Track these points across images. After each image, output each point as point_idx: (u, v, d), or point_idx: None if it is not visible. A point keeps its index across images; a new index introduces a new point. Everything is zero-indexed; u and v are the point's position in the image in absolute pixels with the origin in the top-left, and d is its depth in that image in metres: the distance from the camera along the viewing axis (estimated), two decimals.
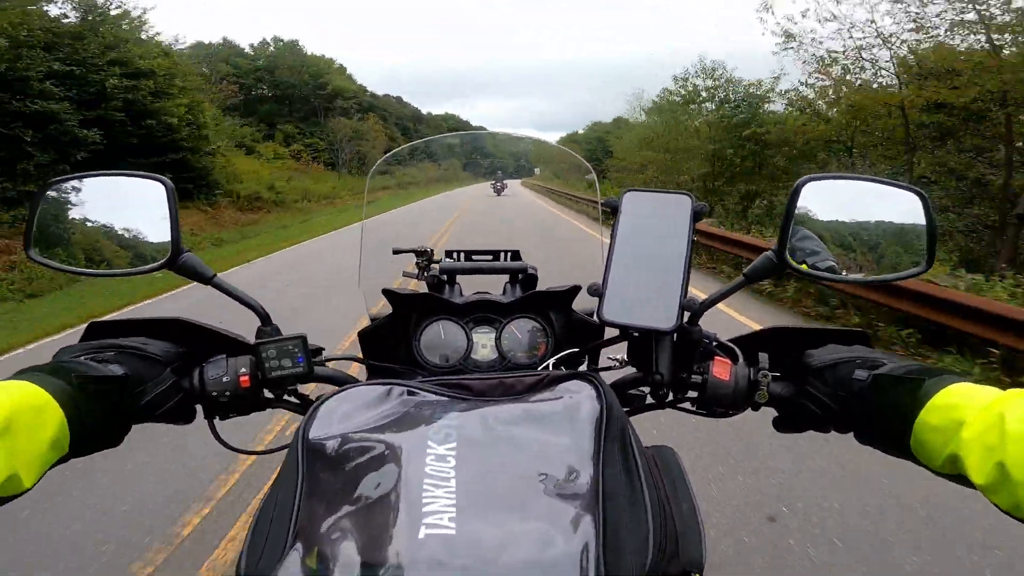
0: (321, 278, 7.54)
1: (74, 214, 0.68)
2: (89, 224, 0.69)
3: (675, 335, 0.68)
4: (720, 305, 0.71)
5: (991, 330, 3.70)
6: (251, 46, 43.12)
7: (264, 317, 0.73)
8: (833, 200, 0.68)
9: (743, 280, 0.68)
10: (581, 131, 53.33)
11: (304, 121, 40.61)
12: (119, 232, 0.69)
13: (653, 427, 2.74)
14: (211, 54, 38.90)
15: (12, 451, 0.43)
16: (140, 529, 2.21)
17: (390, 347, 0.93)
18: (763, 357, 0.68)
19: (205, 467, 2.65)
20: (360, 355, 0.93)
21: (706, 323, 0.70)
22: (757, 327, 0.74)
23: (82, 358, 0.57)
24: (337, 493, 0.43)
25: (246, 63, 40.54)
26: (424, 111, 73.09)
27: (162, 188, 0.66)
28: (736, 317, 4.97)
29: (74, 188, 0.68)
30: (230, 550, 2.08)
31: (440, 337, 0.93)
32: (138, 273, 0.69)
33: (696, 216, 0.69)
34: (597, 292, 0.68)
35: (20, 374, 0.50)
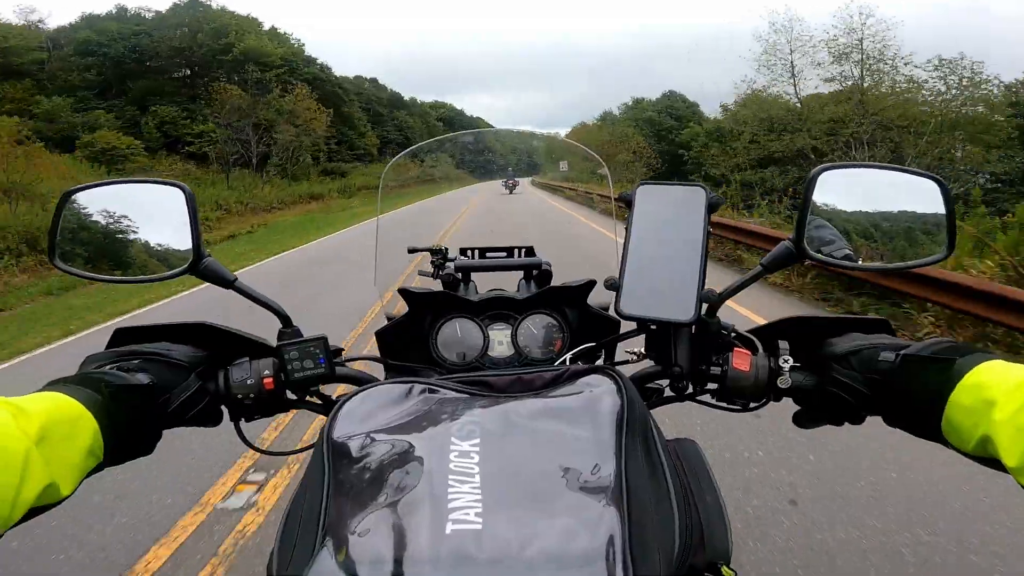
0: None
1: (95, 222, 0.69)
2: (110, 231, 0.70)
3: (693, 327, 0.68)
4: (733, 302, 0.71)
5: None
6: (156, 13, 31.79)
7: (285, 319, 0.74)
8: (849, 189, 0.68)
9: (761, 270, 0.68)
10: (591, 121, 52.05)
11: (195, 101, 28.45)
12: (140, 238, 0.70)
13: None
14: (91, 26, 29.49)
15: (50, 460, 0.44)
16: None
17: (407, 346, 0.94)
18: (783, 345, 0.67)
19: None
20: (378, 355, 0.94)
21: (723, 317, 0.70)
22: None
23: (109, 367, 0.58)
24: (363, 491, 0.44)
25: (121, 28, 29.32)
26: (408, 97, 63.28)
27: (181, 194, 0.67)
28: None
29: (95, 196, 0.69)
30: None
31: (456, 335, 0.94)
32: (161, 279, 0.70)
33: (711, 208, 0.69)
34: (614, 286, 0.68)
35: (51, 385, 0.51)
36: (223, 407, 0.70)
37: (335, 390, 0.84)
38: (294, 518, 0.46)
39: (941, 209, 0.65)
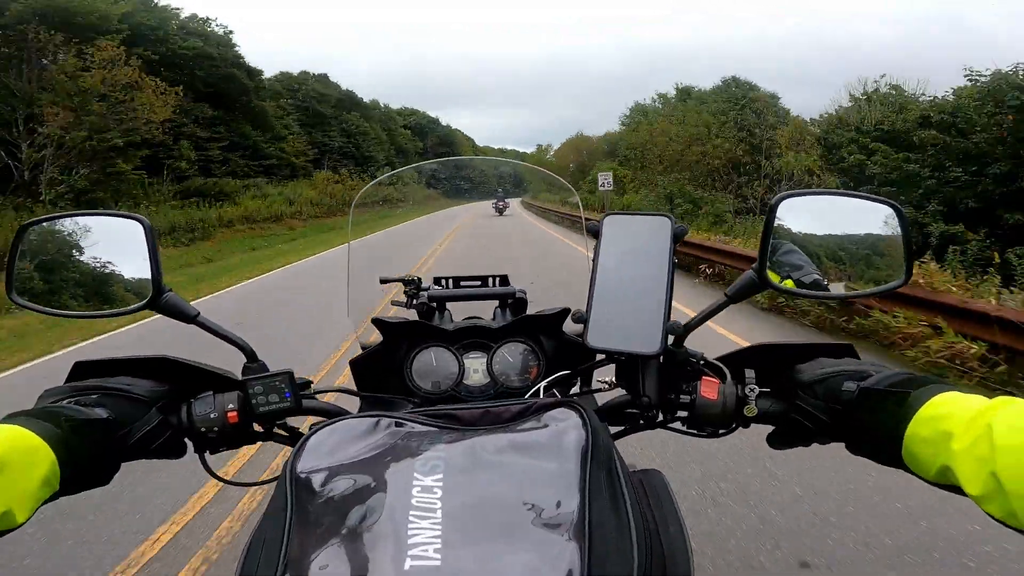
0: None
1: (53, 255, 0.68)
2: (69, 265, 0.69)
3: (661, 357, 0.68)
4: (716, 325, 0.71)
5: None
6: None
7: (250, 354, 0.74)
8: (811, 216, 0.69)
9: (726, 300, 0.69)
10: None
11: None
12: (99, 272, 0.69)
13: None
14: None
15: (5, 489, 0.45)
16: None
17: (382, 375, 0.93)
18: (750, 374, 0.68)
19: None
20: (351, 384, 0.94)
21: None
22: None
23: (68, 402, 0.58)
24: (325, 526, 0.44)
25: None
26: (369, 99, 54.06)
27: (140, 227, 0.66)
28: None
29: (53, 229, 0.68)
30: None
31: (432, 364, 0.93)
32: (120, 314, 0.69)
33: (676, 237, 0.69)
34: (582, 319, 0.68)
35: (9, 418, 0.52)
36: (187, 440, 0.70)
37: (305, 421, 0.83)
38: (255, 550, 0.45)
39: (898, 234, 0.66)
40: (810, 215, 0.69)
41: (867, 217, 0.68)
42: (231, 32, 30.20)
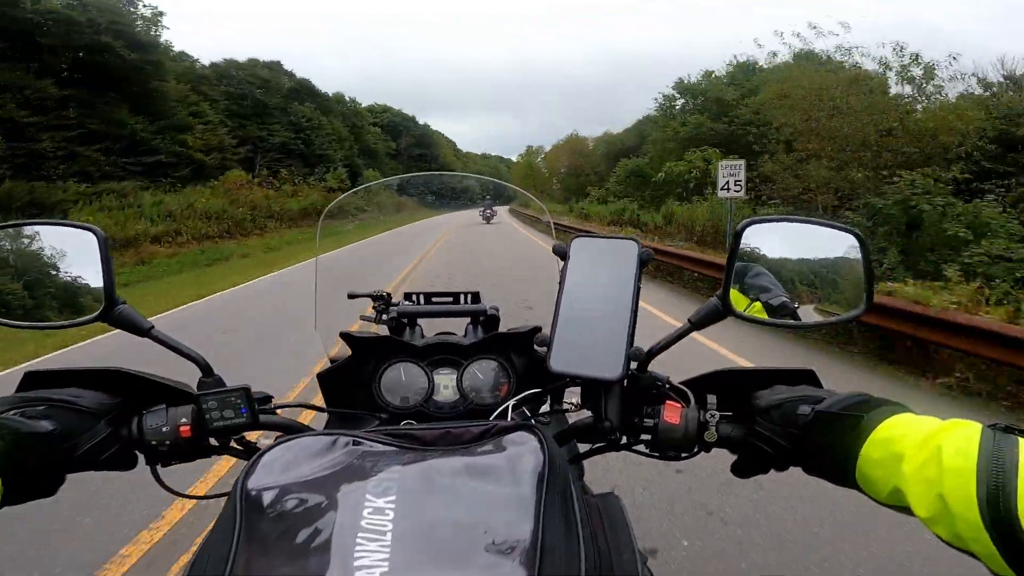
0: None
1: (3, 265, 0.66)
2: (19, 274, 0.67)
3: (625, 381, 0.68)
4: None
5: None
6: None
7: (206, 369, 0.73)
8: (776, 242, 0.70)
9: (689, 327, 0.69)
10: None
11: None
12: (50, 282, 0.68)
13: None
14: None
15: None
16: None
17: (350, 390, 0.92)
18: (711, 399, 0.68)
19: None
20: (316, 398, 0.92)
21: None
22: None
23: (12, 413, 0.57)
24: (273, 545, 0.43)
25: None
26: (332, 92, 43.48)
27: (94, 238, 0.65)
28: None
29: (2, 237, 0.66)
30: None
31: (401, 379, 0.93)
32: (71, 326, 0.68)
33: (642, 263, 0.70)
34: (545, 342, 0.68)
35: None
36: (138, 452, 0.69)
37: (269, 436, 0.82)
38: (199, 565, 0.44)
39: (860, 263, 0.67)
40: (777, 241, 0.69)
41: (831, 245, 0.69)
42: (160, 13, 24.00)
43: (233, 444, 0.75)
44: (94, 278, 0.65)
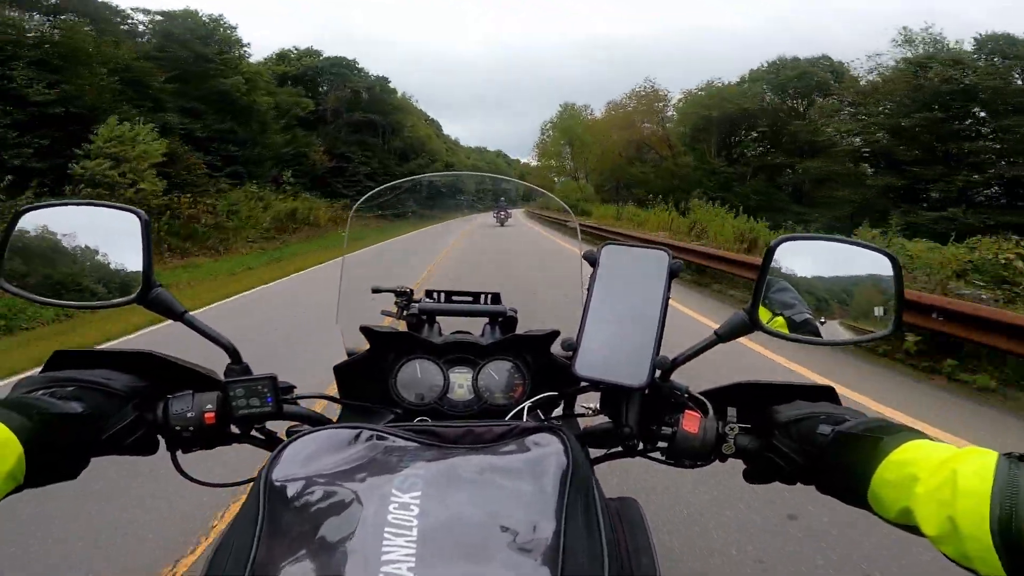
0: None
1: (47, 243, 0.68)
2: (62, 254, 0.68)
3: (646, 390, 0.69)
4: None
5: None
6: None
7: (235, 355, 0.73)
8: (808, 260, 0.70)
9: (715, 339, 0.70)
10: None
11: None
12: (91, 263, 0.69)
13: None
14: None
15: None
16: None
17: (366, 384, 0.93)
18: (731, 411, 0.69)
19: None
20: (333, 391, 0.93)
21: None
22: None
23: (42, 393, 0.58)
24: (296, 536, 0.43)
25: None
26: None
27: (137, 221, 0.66)
28: None
29: (48, 216, 0.68)
30: None
31: (417, 376, 0.93)
32: (108, 306, 0.69)
33: (672, 273, 0.70)
34: (571, 347, 0.69)
35: None
36: (160, 437, 0.69)
37: (285, 425, 0.83)
38: (222, 555, 0.45)
39: (890, 281, 0.66)
40: (807, 259, 0.69)
41: (862, 264, 0.69)
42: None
43: (254, 433, 0.76)
44: (133, 260, 0.66)
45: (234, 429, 0.73)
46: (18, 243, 0.66)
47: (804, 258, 0.69)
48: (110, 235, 0.68)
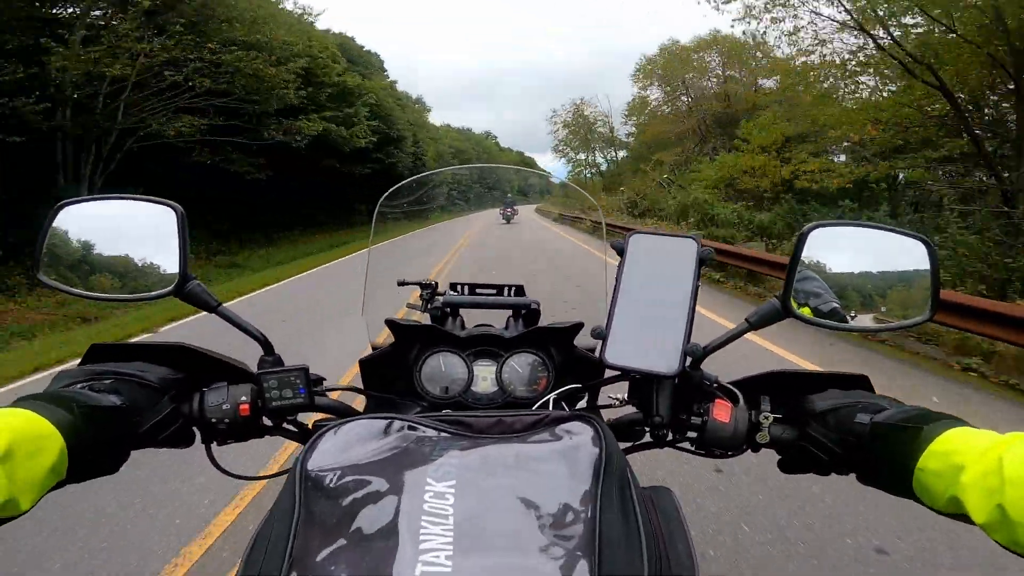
0: None
1: (85, 237, 0.69)
2: (99, 247, 0.69)
3: (676, 378, 0.69)
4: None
5: None
6: None
7: (267, 347, 0.74)
8: (840, 246, 0.69)
9: (747, 326, 0.69)
10: None
11: None
12: (128, 256, 0.70)
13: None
14: None
15: (11, 477, 0.44)
16: None
17: (390, 376, 0.94)
18: (764, 400, 0.68)
19: None
20: (359, 383, 0.94)
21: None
22: None
23: (81, 387, 0.58)
24: (334, 525, 0.44)
25: None
26: None
27: (173, 215, 0.67)
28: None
29: (86, 210, 0.69)
30: None
31: (441, 369, 0.94)
32: (144, 300, 0.69)
33: (701, 261, 0.70)
34: (601, 335, 0.69)
35: (21, 401, 0.51)
36: (195, 429, 0.70)
37: (311, 418, 0.83)
38: (260, 545, 0.45)
39: (926, 269, 0.66)
40: (839, 245, 0.68)
41: (897, 250, 0.68)
42: None
43: (287, 425, 0.76)
44: (168, 254, 0.67)
45: (267, 421, 0.74)
46: (57, 237, 0.67)
47: (837, 244, 0.68)
48: (147, 229, 0.69)
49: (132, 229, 0.70)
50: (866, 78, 12.31)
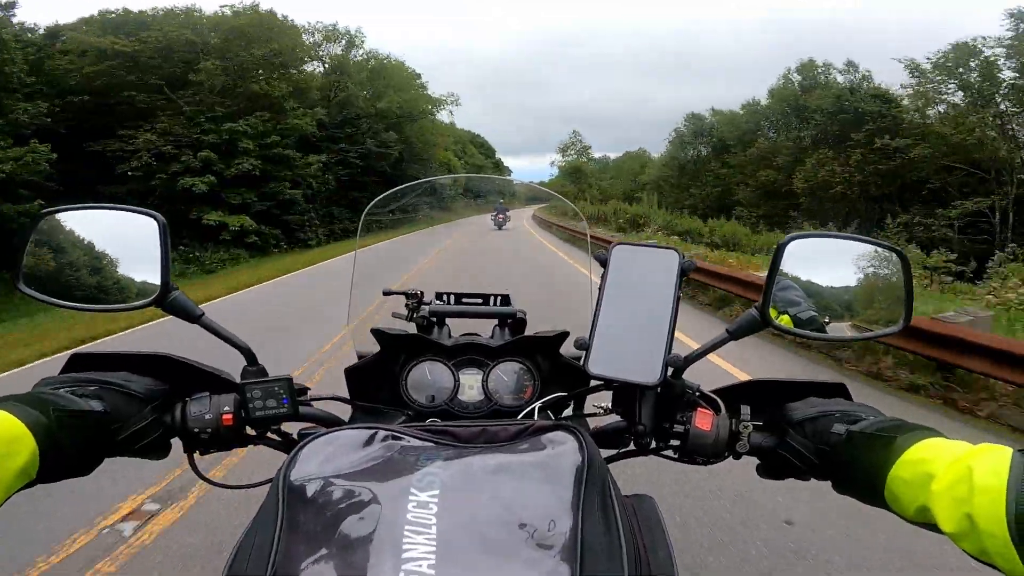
0: None
1: (66, 247, 0.68)
2: (80, 257, 0.69)
3: (659, 388, 0.69)
4: None
5: None
6: None
7: (251, 357, 0.74)
8: (817, 257, 0.70)
9: (727, 336, 0.70)
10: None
11: None
12: (110, 266, 0.69)
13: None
14: None
15: None
16: None
17: (376, 385, 0.94)
18: (745, 409, 0.69)
19: None
20: (344, 392, 0.93)
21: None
22: None
23: (62, 391, 0.58)
24: (317, 535, 0.44)
25: None
26: None
27: (154, 224, 0.66)
28: None
29: (67, 220, 0.68)
30: None
31: (427, 377, 0.94)
32: (126, 309, 0.69)
33: (683, 272, 0.71)
34: (584, 346, 0.69)
35: None
36: (177, 439, 0.70)
37: (296, 427, 0.83)
38: (243, 555, 0.45)
39: (901, 280, 0.67)
40: (816, 256, 0.70)
41: (872, 261, 0.69)
42: None
43: (270, 435, 0.76)
44: (150, 264, 0.67)
45: (250, 431, 0.73)
46: (37, 246, 0.66)
47: (814, 256, 0.69)
48: (128, 239, 0.68)
49: (114, 239, 0.69)
50: None
